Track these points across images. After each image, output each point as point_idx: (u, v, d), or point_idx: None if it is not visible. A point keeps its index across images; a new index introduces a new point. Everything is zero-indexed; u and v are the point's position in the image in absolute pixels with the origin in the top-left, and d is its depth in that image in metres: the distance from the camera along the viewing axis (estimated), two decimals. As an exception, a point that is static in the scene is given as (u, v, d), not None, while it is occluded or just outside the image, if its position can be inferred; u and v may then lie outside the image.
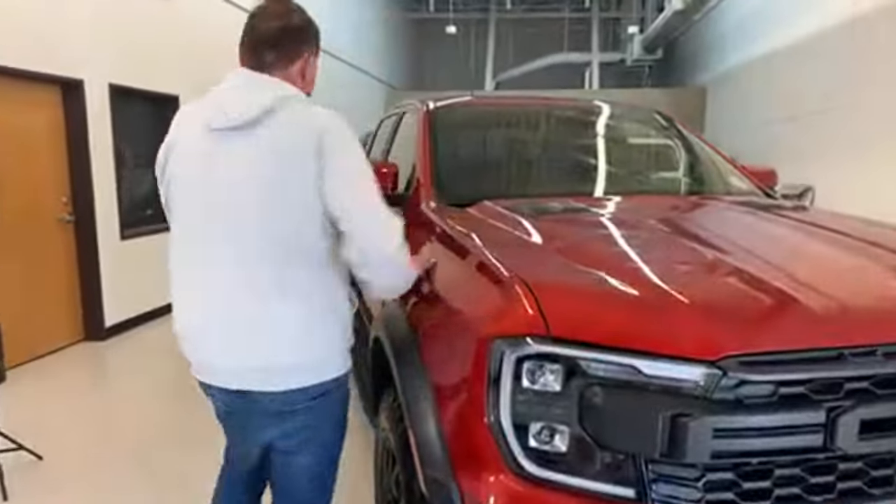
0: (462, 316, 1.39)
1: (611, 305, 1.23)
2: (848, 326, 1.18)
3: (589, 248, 1.56)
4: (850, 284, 1.32)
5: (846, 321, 1.19)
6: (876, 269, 1.44)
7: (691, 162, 2.79)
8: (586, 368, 1.16)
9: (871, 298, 1.27)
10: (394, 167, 2.35)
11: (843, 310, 1.20)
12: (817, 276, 1.35)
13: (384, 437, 1.83)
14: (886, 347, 1.17)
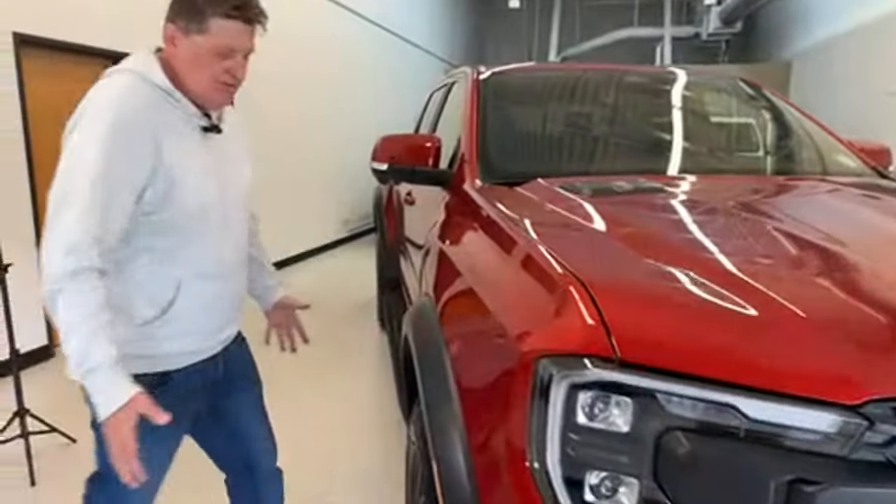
0: (501, 324, 1.09)
1: (702, 320, 0.91)
2: None
3: (669, 239, 1.23)
4: None
5: None
6: None
7: (786, 136, 2.37)
8: (666, 405, 0.86)
9: None
10: (436, 140, 2.07)
11: None
12: None
13: (414, 452, 1.58)
14: None
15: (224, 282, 1.41)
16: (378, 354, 4.07)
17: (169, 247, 1.30)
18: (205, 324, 1.40)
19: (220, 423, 1.58)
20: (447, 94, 2.93)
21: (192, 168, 1.30)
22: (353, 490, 2.48)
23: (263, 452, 1.69)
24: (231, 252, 1.42)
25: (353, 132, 8.18)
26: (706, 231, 1.30)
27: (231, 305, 1.46)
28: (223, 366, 1.49)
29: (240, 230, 1.46)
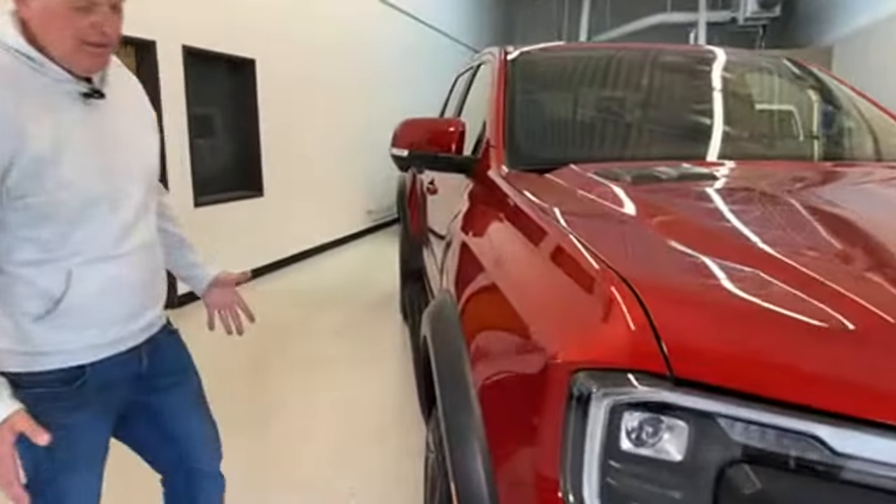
0: (530, 329, 0.95)
1: (775, 329, 0.76)
2: None
3: (727, 234, 1.07)
4: None
5: None
6: None
7: (840, 118, 2.17)
8: (730, 432, 0.71)
9: None
10: (460, 125, 1.93)
11: None
12: None
13: (431, 461, 1.45)
14: None
15: (125, 266, 1.25)
16: (401, 348, 3.96)
17: (53, 234, 1.16)
18: (110, 313, 1.25)
19: (153, 422, 1.45)
20: (473, 77, 2.78)
21: (70, 142, 1.15)
22: (373, 488, 2.37)
23: (203, 454, 1.55)
24: (129, 233, 1.25)
25: (379, 122, 8.07)
26: (767, 225, 1.14)
27: (140, 291, 1.30)
28: (147, 359, 1.36)
29: (139, 208, 1.29)
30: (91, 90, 1.18)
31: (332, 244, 7.19)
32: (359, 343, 4.04)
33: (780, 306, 0.78)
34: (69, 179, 1.13)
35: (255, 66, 5.58)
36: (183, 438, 1.50)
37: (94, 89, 1.19)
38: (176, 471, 1.53)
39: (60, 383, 1.24)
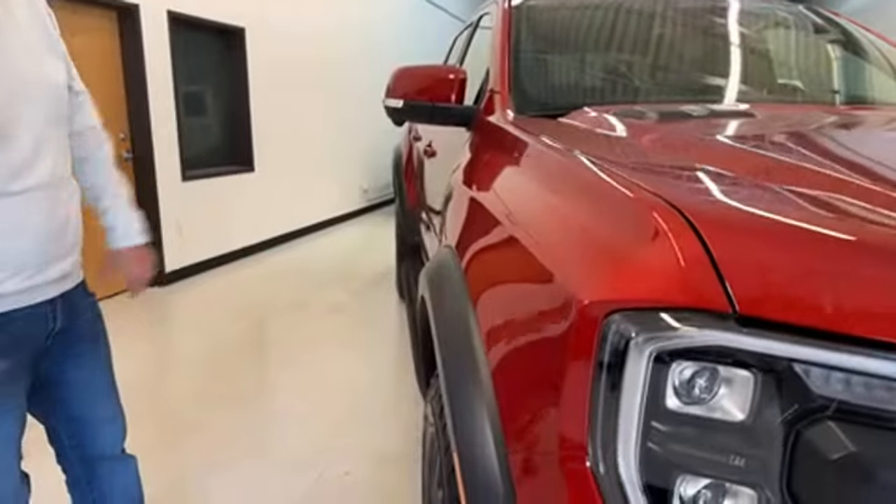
0: (552, 274, 0.79)
1: (866, 253, 0.61)
2: None
3: (779, 161, 0.91)
4: None
5: None
6: None
7: (864, 63, 2.02)
8: (809, 382, 0.56)
9: None
10: (461, 72, 1.76)
11: None
12: None
13: (431, 434, 1.31)
14: None
15: (24, 206, 1.12)
16: (396, 326, 3.82)
17: None
18: (12, 259, 1.12)
19: (56, 398, 1.32)
20: (472, 33, 2.61)
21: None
22: (369, 466, 2.24)
23: (104, 438, 1.41)
24: (27, 168, 1.11)
25: (375, 99, 7.87)
26: (817, 153, 0.98)
27: (46, 237, 1.17)
28: (62, 317, 1.23)
29: (40, 139, 1.15)
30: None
31: (326, 223, 7.02)
32: (354, 321, 3.90)
33: (871, 228, 0.63)
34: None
35: (245, 36, 5.37)
36: (80, 420, 1.36)
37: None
38: (70, 454, 1.39)
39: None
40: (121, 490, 1.46)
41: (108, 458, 1.42)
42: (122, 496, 1.47)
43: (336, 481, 2.17)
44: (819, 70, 2.05)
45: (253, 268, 5.23)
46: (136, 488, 1.50)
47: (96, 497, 1.43)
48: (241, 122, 5.52)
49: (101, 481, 1.42)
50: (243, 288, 4.63)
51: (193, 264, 4.92)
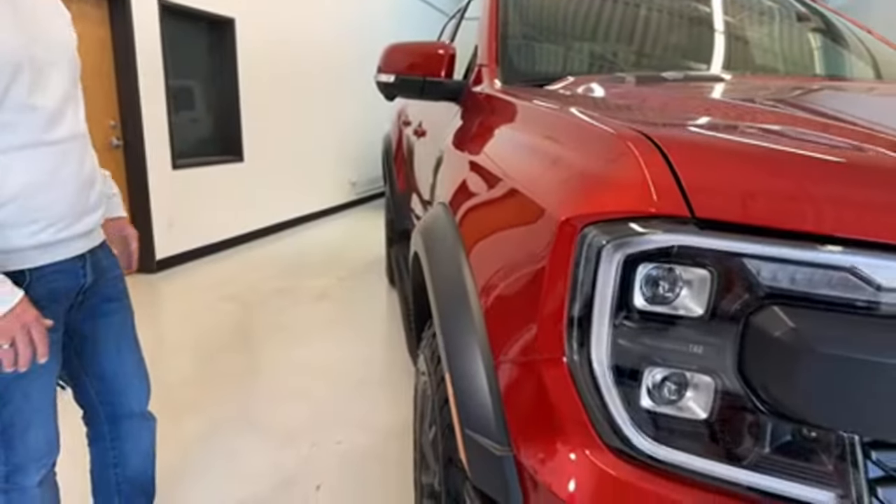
0: (532, 196, 0.87)
1: (810, 168, 0.69)
2: None
3: (747, 108, 1.00)
4: None
5: None
6: None
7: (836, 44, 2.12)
8: (760, 275, 0.64)
9: None
10: (450, 48, 1.83)
11: None
12: None
13: (423, 384, 1.38)
14: None
15: (60, 153, 1.20)
16: (385, 310, 3.89)
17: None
18: (52, 206, 1.19)
19: (84, 354, 1.40)
20: (462, 15, 2.69)
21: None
22: (361, 435, 2.31)
23: (131, 394, 1.50)
24: (58, 119, 1.19)
25: (364, 94, 7.93)
26: (779, 101, 1.07)
27: (79, 187, 1.24)
28: (91, 272, 1.31)
29: (66, 96, 1.23)
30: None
31: (314, 215, 7.06)
32: (344, 306, 3.97)
33: (814, 141, 0.72)
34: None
35: (235, 26, 5.41)
36: (110, 377, 1.44)
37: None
38: (99, 410, 1.47)
39: None
40: (141, 449, 1.54)
41: (135, 416, 1.50)
42: (140, 455, 1.55)
43: (329, 449, 2.24)
44: (795, 50, 2.15)
45: (242, 256, 5.27)
46: (153, 448, 1.57)
47: (117, 454, 1.51)
48: (230, 112, 5.56)
49: (124, 440, 1.50)
50: (233, 275, 4.67)
51: (184, 252, 4.95)
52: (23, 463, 1.27)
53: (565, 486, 0.71)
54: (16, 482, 1.27)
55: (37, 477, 1.30)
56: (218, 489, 1.99)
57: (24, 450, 1.26)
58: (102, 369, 1.43)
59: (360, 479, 2.06)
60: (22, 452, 1.26)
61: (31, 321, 1.12)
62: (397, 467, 2.12)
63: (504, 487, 0.78)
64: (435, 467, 1.26)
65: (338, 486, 2.02)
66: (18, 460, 1.26)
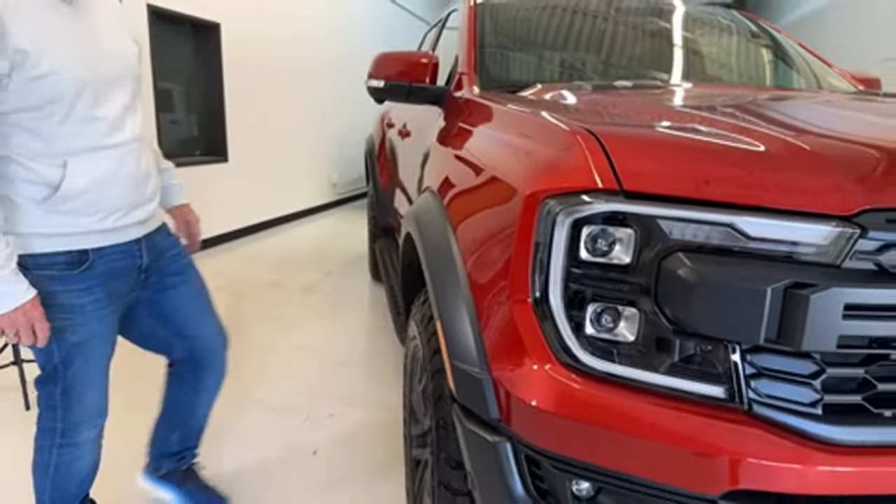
0: (504, 179, 1.11)
1: (703, 153, 0.94)
2: None
3: (671, 110, 1.25)
4: None
5: None
6: None
7: (780, 59, 2.40)
8: (668, 231, 0.88)
9: None
10: (434, 57, 2.06)
11: None
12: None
13: (413, 347, 1.61)
14: None
15: (117, 158, 1.39)
16: (369, 301, 4.10)
17: (45, 123, 1.28)
18: (106, 202, 1.39)
19: (161, 318, 1.62)
20: (442, 27, 2.93)
21: (56, 34, 1.27)
22: (351, 409, 2.52)
23: (212, 348, 1.73)
24: (118, 127, 1.38)
25: (345, 97, 8.12)
26: (708, 107, 1.32)
27: (133, 185, 1.44)
28: (147, 254, 1.52)
29: (126, 105, 1.41)
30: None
31: (296, 215, 7.23)
32: (331, 298, 4.16)
33: (709, 140, 0.96)
34: (50, 69, 1.24)
35: (221, 31, 5.58)
36: (192, 336, 1.67)
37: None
38: (184, 362, 1.71)
39: (66, 266, 1.37)
40: (207, 398, 1.79)
41: (214, 368, 1.74)
42: (205, 403, 1.80)
43: (322, 420, 2.45)
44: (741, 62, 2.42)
45: (229, 253, 5.43)
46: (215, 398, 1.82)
47: (189, 399, 1.77)
48: (215, 114, 5.72)
49: (200, 389, 1.76)
50: (222, 270, 4.84)
51: (171, 249, 5.09)
52: (78, 421, 1.48)
53: (530, 393, 0.94)
54: (70, 438, 1.49)
55: (88, 434, 1.52)
56: (224, 453, 2.19)
57: (79, 410, 1.47)
58: (183, 329, 1.65)
59: (352, 445, 2.28)
60: (77, 412, 1.47)
61: (37, 318, 1.30)
62: (383, 435, 2.34)
63: (483, 401, 1.02)
64: (424, 412, 1.49)
65: (332, 451, 2.24)
66: (74, 419, 1.48)
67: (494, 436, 1.00)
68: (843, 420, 0.83)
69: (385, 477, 2.09)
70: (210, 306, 1.72)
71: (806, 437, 0.83)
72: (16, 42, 1.20)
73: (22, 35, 1.21)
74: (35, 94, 1.25)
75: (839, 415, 0.84)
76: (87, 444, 1.53)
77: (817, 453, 0.82)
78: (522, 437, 0.97)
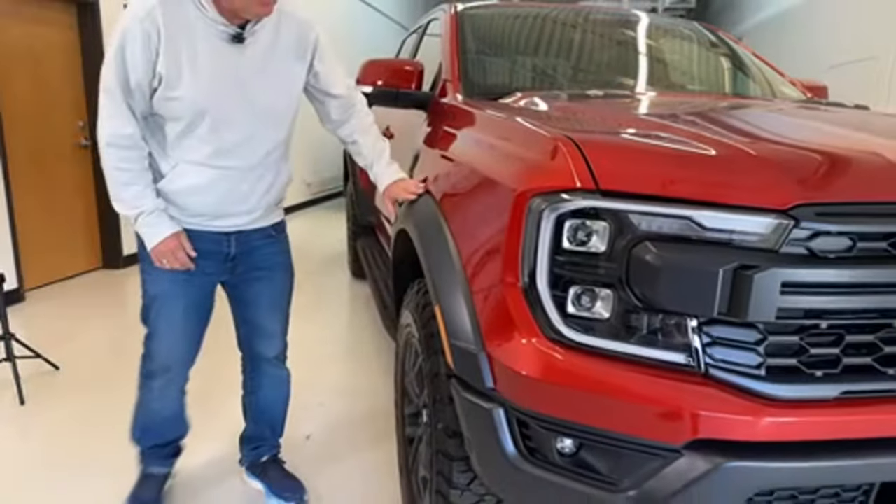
0: (496, 179, 1.26)
1: (666, 158, 1.10)
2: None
3: (639, 118, 1.42)
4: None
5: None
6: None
7: (737, 69, 2.60)
8: (637, 224, 1.04)
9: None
10: (419, 64, 2.21)
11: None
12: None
13: (407, 334, 1.74)
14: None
15: (218, 177, 1.61)
16: (350, 299, 4.22)
17: (169, 131, 1.56)
18: (199, 206, 1.63)
19: (236, 305, 1.85)
20: (422, 35, 3.06)
21: (194, 67, 1.49)
22: (340, 398, 2.64)
23: (264, 343, 1.89)
24: (230, 153, 1.60)
25: (318, 95, 8.19)
26: (670, 114, 1.49)
27: (224, 201, 1.65)
28: (236, 246, 1.72)
29: (249, 138, 1.61)
30: (236, 34, 1.52)
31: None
32: (313, 295, 4.27)
33: (671, 145, 1.13)
34: (179, 95, 1.50)
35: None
36: (251, 325, 1.87)
37: (238, 35, 1.52)
38: (244, 350, 1.95)
39: None
40: (269, 391, 1.98)
41: (266, 360, 1.92)
42: (269, 396, 1.99)
43: (313, 409, 2.57)
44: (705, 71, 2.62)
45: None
46: (282, 394, 2.01)
47: (252, 386, 1.98)
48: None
49: (258, 377, 1.96)
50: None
51: (150, 249, 5.12)
52: (152, 369, 1.76)
53: (520, 363, 1.09)
54: (145, 381, 1.79)
55: (157, 383, 1.78)
56: (223, 438, 2.29)
57: (151, 361, 1.76)
58: (247, 318, 1.86)
59: (341, 430, 2.40)
60: (151, 362, 1.76)
61: (177, 248, 1.59)
62: (369, 422, 2.47)
63: (479, 373, 1.16)
64: (418, 392, 1.63)
65: (323, 436, 2.36)
66: (149, 367, 1.77)
67: (489, 403, 1.15)
68: (782, 379, 1.00)
69: (374, 452, 2.21)
70: (284, 308, 1.90)
71: (753, 394, 0.99)
72: (160, 67, 1.47)
73: (168, 62, 1.47)
74: (165, 109, 1.52)
75: (779, 375, 1.00)
76: (157, 391, 1.80)
77: (762, 407, 0.98)
78: (514, 403, 1.12)
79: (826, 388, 1.00)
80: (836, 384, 1.01)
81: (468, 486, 1.31)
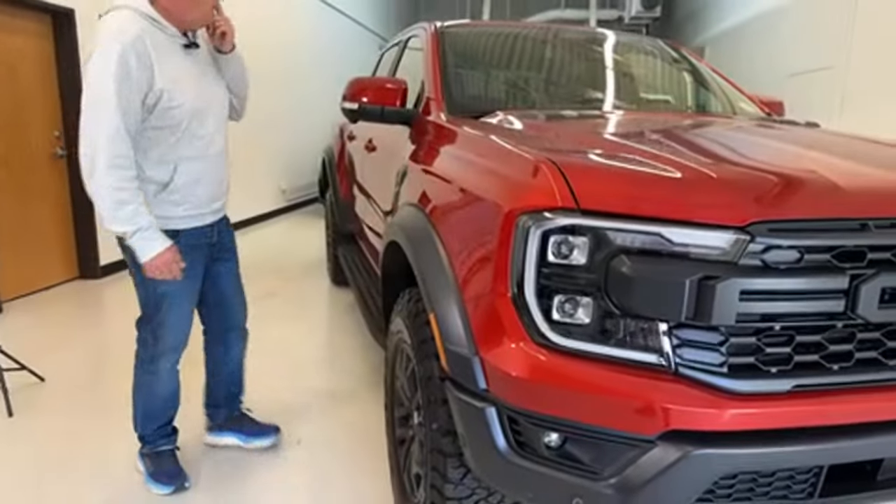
0: (485, 198, 1.38)
1: (639, 180, 1.23)
2: (872, 199, 1.19)
3: (611, 140, 1.55)
4: (873, 165, 1.33)
5: (870, 194, 1.20)
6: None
7: (698, 85, 2.77)
8: (613, 239, 1.17)
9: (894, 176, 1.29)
10: (403, 82, 2.31)
11: (868, 184, 1.21)
12: (841, 160, 1.36)
13: (398, 341, 1.84)
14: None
15: (209, 164, 1.96)
16: (329, 305, 4.29)
17: (170, 138, 1.83)
18: (199, 194, 1.95)
19: (214, 283, 2.15)
20: (402, 50, 3.17)
21: (179, 76, 1.79)
22: (327, 400, 2.72)
23: (238, 314, 2.30)
24: (212, 141, 1.94)
25: (294, 105, 8.23)
26: (639, 136, 1.63)
27: (216, 184, 2.01)
28: (217, 234, 2.09)
29: (218, 125, 1.97)
30: (191, 42, 1.86)
31: (245, 222, 7.28)
32: (293, 301, 4.33)
33: (642, 168, 1.26)
34: (180, 102, 1.79)
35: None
36: (226, 299, 2.21)
37: (192, 42, 1.87)
38: (218, 325, 2.25)
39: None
40: (234, 354, 2.32)
41: (235, 329, 2.28)
42: (234, 359, 2.33)
43: (300, 412, 2.65)
44: (669, 88, 2.79)
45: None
46: (242, 355, 2.35)
47: (226, 357, 2.30)
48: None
49: (227, 346, 2.29)
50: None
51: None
52: (160, 354, 2.01)
53: (510, 365, 1.21)
54: (153, 366, 2.03)
55: (165, 365, 2.04)
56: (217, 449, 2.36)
57: (161, 346, 2.00)
58: (221, 295, 2.18)
59: (327, 430, 2.49)
60: (160, 347, 2.00)
61: (171, 261, 1.81)
62: (354, 422, 2.56)
63: (472, 375, 1.27)
64: (410, 395, 1.73)
65: (311, 435, 2.45)
66: (157, 352, 2.00)
67: (482, 402, 1.26)
68: (742, 375, 1.13)
69: (364, 453, 2.31)
70: (240, 282, 2.27)
71: (717, 389, 1.12)
72: (159, 83, 1.74)
73: (163, 78, 1.74)
74: (167, 118, 1.78)
75: (740, 372, 1.14)
76: (165, 373, 2.05)
77: (725, 401, 1.12)
78: (505, 401, 1.23)
79: (780, 382, 1.14)
80: (789, 379, 1.14)
81: (461, 480, 1.42)
